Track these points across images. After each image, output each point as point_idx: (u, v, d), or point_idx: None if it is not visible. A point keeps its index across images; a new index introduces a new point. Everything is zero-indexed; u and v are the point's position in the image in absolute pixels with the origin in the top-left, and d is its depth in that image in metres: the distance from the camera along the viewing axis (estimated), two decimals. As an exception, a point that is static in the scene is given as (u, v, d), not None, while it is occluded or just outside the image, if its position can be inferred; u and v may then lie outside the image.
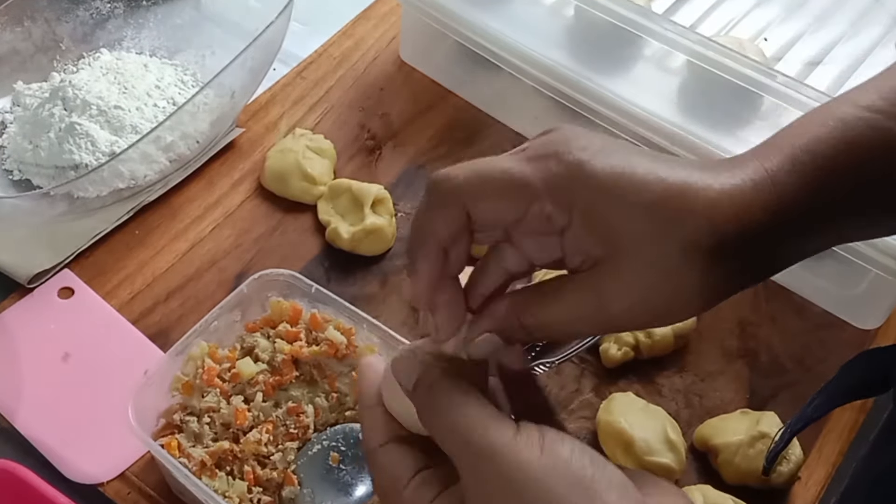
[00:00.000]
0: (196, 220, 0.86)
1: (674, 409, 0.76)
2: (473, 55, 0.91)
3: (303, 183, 0.87)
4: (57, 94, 0.87)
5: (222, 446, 0.64)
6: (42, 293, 0.79)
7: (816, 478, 0.74)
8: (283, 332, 0.69)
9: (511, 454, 0.39)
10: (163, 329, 0.78)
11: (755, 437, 0.71)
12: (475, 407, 0.41)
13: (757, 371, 0.80)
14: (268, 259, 0.84)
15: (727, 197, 0.41)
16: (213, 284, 0.82)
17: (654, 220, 0.41)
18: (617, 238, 0.41)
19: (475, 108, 0.97)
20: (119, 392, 0.63)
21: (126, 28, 0.97)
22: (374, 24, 1.04)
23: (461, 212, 0.43)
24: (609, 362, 0.78)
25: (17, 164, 0.86)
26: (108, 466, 0.70)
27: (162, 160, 0.84)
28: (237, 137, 0.92)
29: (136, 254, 0.83)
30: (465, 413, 0.41)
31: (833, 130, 0.43)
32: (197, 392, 0.67)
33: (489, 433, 0.40)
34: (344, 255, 0.84)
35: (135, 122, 0.86)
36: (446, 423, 0.42)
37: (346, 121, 0.95)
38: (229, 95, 0.87)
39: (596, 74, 0.84)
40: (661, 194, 0.41)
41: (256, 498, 0.63)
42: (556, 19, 0.89)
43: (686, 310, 0.43)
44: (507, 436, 0.40)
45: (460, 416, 0.41)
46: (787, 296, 0.85)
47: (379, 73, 1.00)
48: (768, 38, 0.92)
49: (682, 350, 0.80)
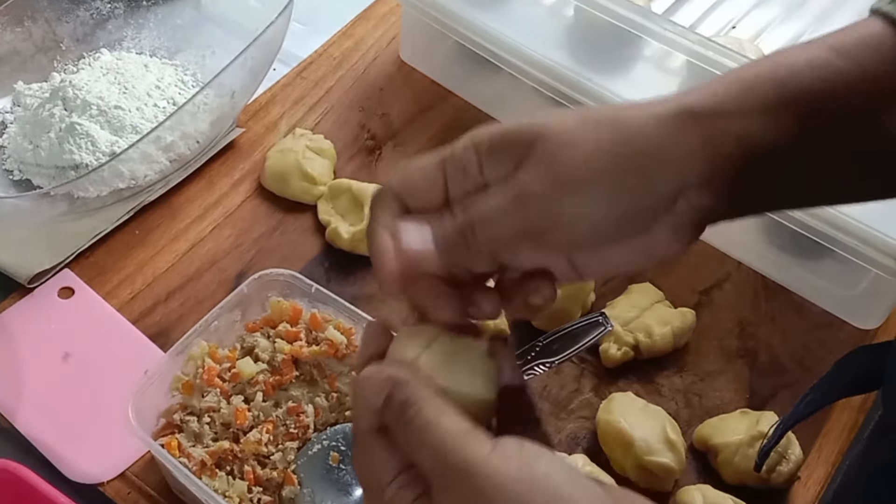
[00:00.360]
0: (196, 220, 0.86)
1: (673, 409, 0.76)
2: (473, 55, 0.91)
3: (303, 183, 0.87)
4: (57, 94, 0.87)
5: (222, 446, 0.64)
6: (42, 293, 0.79)
7: (816, 478, 0.74)
8: (283, 331, 0.69)
9: (486, 470, 0.38)
10: (163, 329, 0.78)
11: (755, 437, 0.71)
12: (449, 423, 0.40)
13: (757, 371, 0.80)
14: (268, 259, 0.84)
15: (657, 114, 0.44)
16: (213, 284, 0.82)
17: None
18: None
19: (475, 108, 0.97)
20: (119, 392, 0.63)
21: (126, 28, 0.97)
22: (374, 24, 1.04)
23: (398, 202, 0.46)
24: (609, 362, 0.78)
25: (17, 164, 0.86)
26: (108, 466, 0.70)
27: (162, 160, 0.84)
28: (237, 137, 0.92)
29: (136, 254, 0.83)
30: (438, 429, 0.40)
31: (777, 67, 0.44)
32: (197, 392, 0.67)
33: (464, 449, 0.39)
34: (344, 255, 0.84)
35: (135, 122, 0.86)
36: (419, 438, 0.41)
37: (346, 121, 0.95)
38: (229, 95, 0.87)
39: (596, 74, 0.84)
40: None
41: (256, 498, 0.64)
42: (556, 19, 0.89)
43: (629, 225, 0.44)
44: (483, 452, 0.39)
45: (434, 432, 0.40)
46: (786, 296, 0.85)
47: (379, 73, 1.00)
48: (768, 38, 0.92)
49: (682, 350, 0.80)
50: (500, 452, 0.39)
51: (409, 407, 0.42)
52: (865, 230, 0.74)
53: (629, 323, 0.79)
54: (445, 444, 0.40)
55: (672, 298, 0.81)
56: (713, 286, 0.85)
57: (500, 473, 0.38)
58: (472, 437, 0.40)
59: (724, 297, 0.84)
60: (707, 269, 0.86)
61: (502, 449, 0.39)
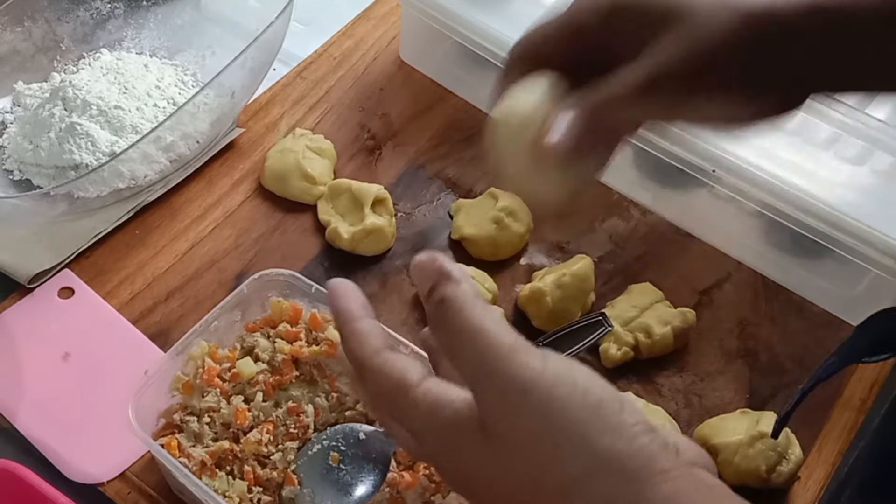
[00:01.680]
0: (196, 220, 0.86)
1: (673, 409, 0.76)
2: (473, 55, 0.91)
3: (303, 183, 0.87)
4: (57, 94, 0.87)
5: (222, 446, 0.64)
6: (42, 293, 0.79)
7: (816, 478, 0.74)
8: (283, 331, 0.69)
9: (544, 390, 0.38)
10: (163, 329, 0.78)
11: (755, 437, 0.71)
12: (498, 332, 0.39)
13: (757, 371, 0.80)
14: (268, 259, 0.84)
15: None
16: (213, 284, 0.82)
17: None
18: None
19: (475, 108, 0.97)
20: (119, 392, 0.63)
21: (126, 28, 0.97)
22: (374, 24, 1.04)
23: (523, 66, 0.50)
24: (609, 362, 0.78)
25: (17, 164, 0.86)
26: (108, 466, 0.70)
27: (162, 160, 0.84)
28: (237, 137, 0.92)
29: (136, 254, 0.83)
30: (487, 339, 0.39)
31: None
32: (197, 392, 0.67)
33: (516, 362, 0.38)
34: (344, 255, 0.84)
35: (135, 122, 0.86)
36: (465, 345, 0.39)
37: (346, 121, 0.95)
38: (229, 95, 0.87)
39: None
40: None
41: (256, 498, 0.63)
42: (556, 19, 0.89)
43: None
44: (536, 368, 0.38)
45: (482, 342, 0.39)
46: (787, 296, 0.85)
47: (379, 73, 1.00)
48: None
49: (682, 350, 0.80)
50: (554, 370, 0.39)
51: (449, 305, 0.40)
52: (865, 230, 0.74)
53: (629, 323, 0.79)
54: (493, 354, 0.39)
55: (672, 298, 0.81)
56: (713, 286, 0.85)
57: (562, 400, 0.38)
58: (525, 350, 0.39)
59: (724, 297, 0.84)
60: (707, 269, 0.86)
61: (554, 367, 0.39)
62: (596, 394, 0.39)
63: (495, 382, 0.39)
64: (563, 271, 0.80)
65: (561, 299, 0.79)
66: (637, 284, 0.82)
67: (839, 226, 0.75)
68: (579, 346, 0.73)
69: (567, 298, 0.79)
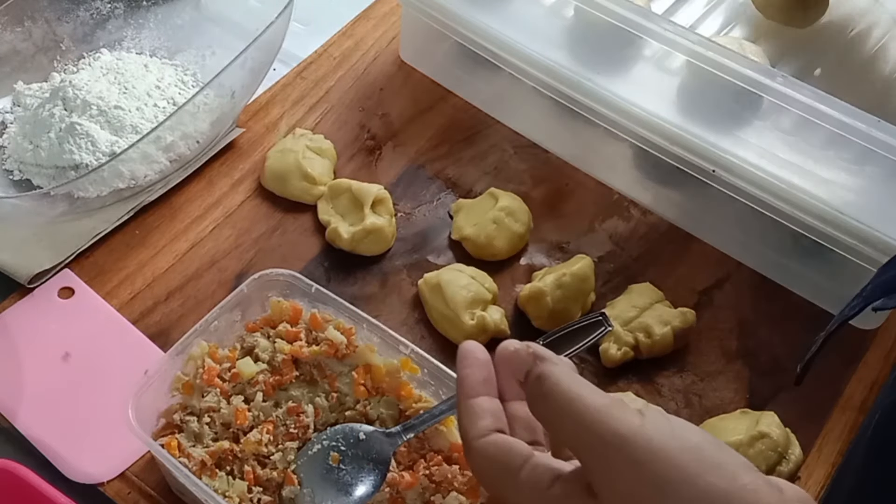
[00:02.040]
0: (196, 220, 0.86)
1: (673, 409, 0.76)
2: (473, 55, 0.91)
3: (303, 183, 0.87)
4: (57, 94, 0.87)
5: (222, 446, 0.64)
6: (42, 293, 0.79)
7: (816, 478, 0.74)
8: (283, 332, 0.69)
9: (644, 442, 0.40)
10: (163, 329, 0.78)
11: (755, 437, 0.71)
12: (593, 395, 0.42)
13: (757, 371, 0.80)
14: (268, 259, 0.84)
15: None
16: (213, 284, 0.82)
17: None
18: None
19: (475, 108, 0.97)
20: (119, 392, 0.63)
21: (126, 28, 0.97)
22: (374, 24, 1.04)
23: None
24: (609, 362, 0.78)
25: (17, 164, 0.86)
26: (108, 466, 0.70)
27: (162, 160, 0.84)
28: (237, 137, 0.92)
29: (136, 254, 0.83)
30: (583, 402, 0.42)
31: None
32: (197, 392, 0.67)
33: (614, 418, 0.40)
34: (344, 255, 0.84)
35: (135, 122, 0.86)
36: (564, 411, 0.42)
37: (346, 121, 0.95)
38: (229, 95, 0.87)
39: (596, 75, 0.84)
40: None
41: (256, 498, 0.63)
42: (556, 19, 0.89)
43: None
44: (635, 422, 0.40)
45: (579, 405, 0.41)
46: (787, 296, 0.85)
47: (379, 73, 1.00)
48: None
49: (682, 350, 0.80)
50: (653, 422, 0.41)
51: (546, 379, 0.43)
52: (865, 230, 0.74)
53: (629, 323, 0.79)
54: (591, 416, 0.41)
55: (672, 298, 0.81)
56: (713, 286, 0.85)
57: (661, 447, 0.40)
58: (620, 408, 0.41)
59: (724, 297, 0.84)
60: (707, 269, 0.86)
61: (653, 419, 0.41)
62: (693, 439, 0.41)
63: (596, 440, 0.41)
64: (563, 271, 0.80)
65: (561, 299, 0.79)
66: (637, 284, 0.82)
67: (839, 226, 0.75)
68: (579, 347, 0.72)
69: (567, 298, 0.79)
